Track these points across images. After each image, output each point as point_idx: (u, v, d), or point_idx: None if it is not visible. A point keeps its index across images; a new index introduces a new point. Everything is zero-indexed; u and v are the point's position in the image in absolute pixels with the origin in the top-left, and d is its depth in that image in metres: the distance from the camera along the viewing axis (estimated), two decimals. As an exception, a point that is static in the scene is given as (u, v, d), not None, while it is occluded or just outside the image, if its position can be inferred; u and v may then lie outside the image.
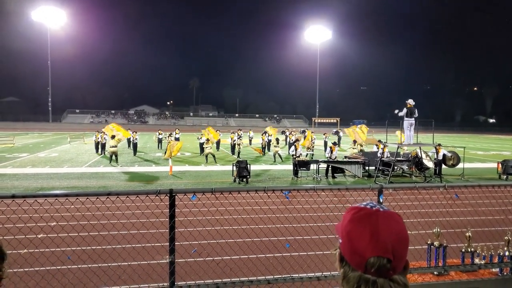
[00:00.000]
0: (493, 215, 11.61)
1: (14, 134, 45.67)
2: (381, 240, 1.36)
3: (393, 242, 1.37)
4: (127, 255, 8.12)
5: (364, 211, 1.44)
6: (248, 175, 19.23)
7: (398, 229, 1.41)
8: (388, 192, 13.30)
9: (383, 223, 1.40)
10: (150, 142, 43.20)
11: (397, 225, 1.42)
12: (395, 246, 1.37)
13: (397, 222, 1.42)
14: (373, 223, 1.40)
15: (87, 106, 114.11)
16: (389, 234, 1.38)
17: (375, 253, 1.35)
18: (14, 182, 18.29)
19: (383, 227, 1.39)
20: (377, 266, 1.35)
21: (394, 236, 1.38)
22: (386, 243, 1.36)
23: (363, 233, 1.39)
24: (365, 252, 1.36)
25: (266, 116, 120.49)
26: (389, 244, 1.36)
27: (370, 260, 1.35)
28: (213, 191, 4.54)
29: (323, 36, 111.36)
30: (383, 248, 1.36)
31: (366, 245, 1.37)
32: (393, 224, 1.41)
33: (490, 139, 68.70)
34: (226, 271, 7.03)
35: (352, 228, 1.42)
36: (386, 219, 1.41)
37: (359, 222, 1.42)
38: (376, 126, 73.96)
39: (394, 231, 1.39)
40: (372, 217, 1.41)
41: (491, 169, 24.86)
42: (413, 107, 19.74)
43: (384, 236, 1.37)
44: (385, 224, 1.40)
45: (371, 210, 1.44)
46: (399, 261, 1.39)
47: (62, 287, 6.65)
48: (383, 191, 4.88)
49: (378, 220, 1.40)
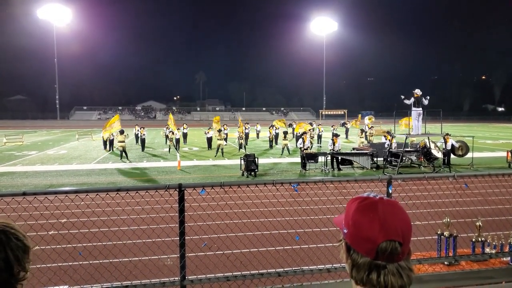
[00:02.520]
0: (503, 204, 11.54)
1: (22, 132, 45.94)
2: (391, 225, 1.41)
3: (401, 227, 1.42)
4: (137, 250, 8.17)
5: (369, 200, 1.49)
6: (256, 168, 19.24)
7: (402, 215, 1.46)
8: (397, 183, 13.27)
9: (389, 210, 1.45)
10: (158, 137, 43.29)
11: (401, 211, 1.47)
12: (404, 230, 1.42)
13: (400, 209, 1.48)
14: (380, 209, 1.44)
15: (94, 102, 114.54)
16: (396, 219, 1.43)
17: (388, 237, 1.39)
18: (24, 180, 18.43)
19: (390, 213, 1.44)
20: (390, 250, 1.39)
21: (400, 222, 1.44)
22: (396, 227, 1.41)
23: (372, 220, 1.43)
24: (377, 237, 1.40)
25: (273, 109, 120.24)
26: (398, 228, 1.42)
27: (382, 244, 1.39)
28: (222, 185, 4.55)
29: (329, 27, 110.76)
30: (394, 232, 1.40)
31: (378, 230, 1.40)
32: (397, 210, 1.47)
33: (499, 127, 68.23)
34: (237, 265, 7.06)
35: (359, 217, 1.46)
36: (391, 206, 1.47)
37: (366, 210, 1.46)
38: (384, 117, 73.69)
39: (400, 217, 1.45)
40: (378, 205, 1.46)
41: (501, 158, 24.69)
42: (420, 97, 19.64)
43: (393, 221, 1.42)
44: (391, 210, 1.45)
45: (375, 198, 1.49)
46: (407, 245, 1.43)
47: (74, 282, 6.72)
48: (392, 182, 4.87)
49: (384, 207, 1.45)
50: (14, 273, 1.64)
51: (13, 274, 1.64)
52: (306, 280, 5.04)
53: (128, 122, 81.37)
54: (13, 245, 1.66)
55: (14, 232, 1.69)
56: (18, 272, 1.66)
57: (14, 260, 1.63)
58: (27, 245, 1.71)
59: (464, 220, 8.30)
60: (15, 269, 1.64)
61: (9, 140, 37.90)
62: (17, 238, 1.68)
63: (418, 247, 6.71)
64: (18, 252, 1.66)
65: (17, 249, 1.66)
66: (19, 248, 1.67)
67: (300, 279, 5.57)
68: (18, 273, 1.66)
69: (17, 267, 1.65)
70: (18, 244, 1.67)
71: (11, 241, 1.66)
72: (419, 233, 8.27)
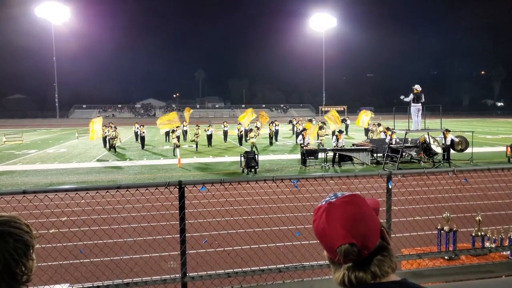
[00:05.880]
0: (503, 199, 11.56)
1: (22, 131, 45.89)
2: (336, 230, 1.42)
3: (350, 226, 1.41)
4: (138, 247, 8.19)
5: (318, 210, 1.50)
6: (256, 165, 19.25)
7: (353, 212, 1.44)
8: (397, 179, 13.28)
9: (335, 213, 1.44)
10: (157, 135, 43.25)
11: (352, 208, 1.45)
12: (354, 228, 1.41)
13: (353, 205, 1.46)
14: (326, 217, 1.45)
15: (93, 101, 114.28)
16: (342, 220, 1.42)
17: (338, 243, 1.41)
18: (24, 179, 18.44)
19: (335, 216, 1.44)
20: (344, 253, 1.40)
21: (349, 220, 1.42)
22: (343, 230, 1.41)
23: (323, 230, 1.44)
24: (332, 246, 1.43)
25: (272, 106, 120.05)
26: (345, 230, 1.41)
27: (338, 250, 1.41)
28: (222, 181, 4.55)
29: (328, 23, 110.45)
30: (340, 236, 1.41)
31: (330, 240, 1.43)
32: (347, 208, 1.45)
33: (498, 122, 68.22)
34: (237, 261, 7.06)
35: (315, 230, 1.48)
36: (339, 207, 1.45)
37: (317, 222, 1.48)
38: (384, 112, 73.68)
39: (348, 215, 1.43)
40: (324, 212, 1.46)
41: (500, 153, 24.71)
42: (419, 93, 19.63)
43: (336, 225, 1.42)
44: (338, 212, 1.44)
45: (324, 205, 1.49)
46: (365, 240, 1.41)
47: (76, 280, 6.73)
48: (392, 178, 4.87)
49: (330, 212, 1.45)
50: (17, 278, 1.58)
51: (15, 279, 1.58)
52: (307, 276, 5.05)
53: (127, 120, 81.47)
54: (11, 247, 1.58)
55: (12, 231, 1.61)
56: (22, 275, 1.59)
57: (14, 265, 1.57)
58: (27, 244, 1.63)
59: (464, 214, 8.30)
60: (18, 272, 1.57)
61: (8, 139, 37.89)
62: (16, 239, 1.60)
63: (418, 241, 6.73)
64: (17, 255, 1.57)
65: (16, 251, 1.58)
66: (17, 248, 1.59)
67: (301, 275, 5.59)
68: (22, 277, 1.60)
69: (20, 270, 1.58)
70: (16, 245, 1.59)
71: (8, 244, 1.57)
72: (419, 228, 8.28)
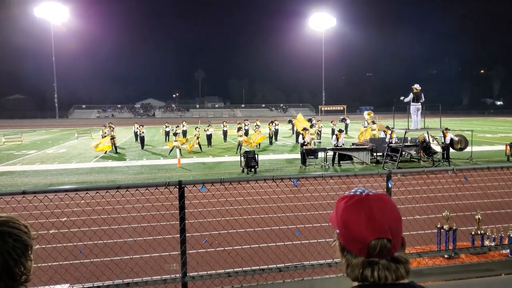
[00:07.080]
0: (502, 197, 11.57)
1: (21, 132, 45.88)
2: (377, 222, 1.42)
3: (389, 222, 1.43)
4: (138, 247, 8.19)
5: (355, 198, 1.49)
6: (256, 165, 19.25)
7: (390, 209, 1.47)
8: (396, 178, 13.29)
9: (375, 206, 1.45)
10: (157, 135, 43.26)
11: (388, 205, 1.48)
12: (391, 225, 1.43)
13: (388, 202, 1.49)
14: (366, 207, 1.45)
15: (93, 101, 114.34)
16: (383, 215, 1.44)
17: (375, 236, 1.41)
18: (24, 179, 18.44)
19: (377, 209, 1.44)
20: (379, 247, 1.40)
21: (388, 216, 1.44)
22: (383, 223, 1.42)
23: (358, 219, 1.44)
24: (365, 236, 1.41)
25: (272, 106, 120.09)
26: (386, 224, 1.42)
27: (371, 243, 1.40)
28: (222, 181, 4.55)
29: (328, 23, 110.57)
30: (381, 229, 1.41)
31: (365, 229, 1.42)
32: (384, 205, 1.47)
33: (497, 121, 68.23)
34: (238, 261, 7.07)
35: (347, 217, 1.47)
36: (378, 201, 1.47)
37: (352, 209, 1.47)
38: (383, 112, 73.69)
39: (387, 211, 1.45)
40: (364, 202, 1.47)
41: (500, 152, 24.71)
42: (419, 92, 19.65)
43: (380, 217, 1.43)
44: (378, 206, 1.45)
45: (362, 195, 1.50)
46: (397, 238, 1.44)
47: (76, 281, 6.73)
48: (391, 177, 4.88)
49: (370, 203, 1.46)
50: (16, 278, 1.58)
51: (14, 279, 1.58)
52: (307, 275, 5.05)
53: (127, 120, 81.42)
54: (10, 247, 1.57)
55: (11, 231, 1.60)
56: (21, 275, 1.59)
57: (13, 265, 1.56)
58: (26, 244, 1.63)
59: (464, 213, 8.32)
60: (17, 272, 1.57)
61: (8, 140, 37.85)
62: (15, 239, 1.60)
63: (418, 240, 6.73)
64: (16, 255, 1.57)
65: (15, 251, 1.58)
66: (16, 248, 1.58)
67: (301, 274, 5.59)
68: (21, 277, 1.59)
69: (18, 270, 1.58)
70: (16, 245, 1.59)
71: (7, 244, 1.57)
72: (419, 226, 8.29)
